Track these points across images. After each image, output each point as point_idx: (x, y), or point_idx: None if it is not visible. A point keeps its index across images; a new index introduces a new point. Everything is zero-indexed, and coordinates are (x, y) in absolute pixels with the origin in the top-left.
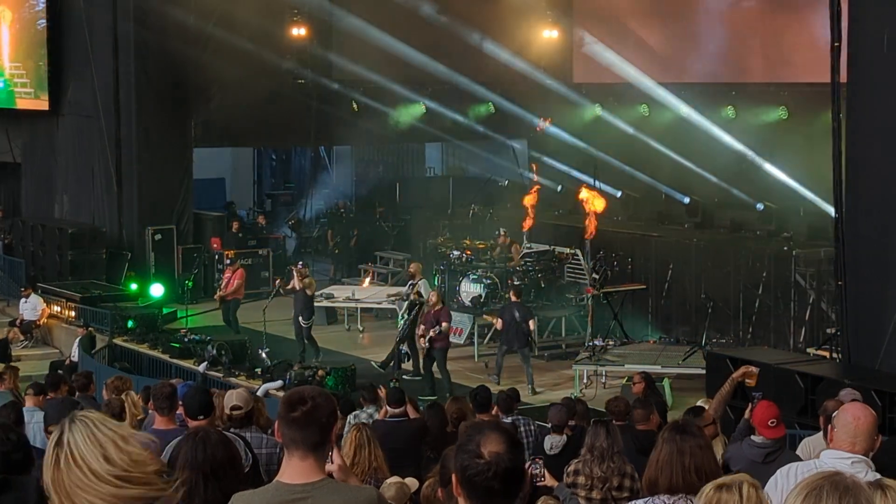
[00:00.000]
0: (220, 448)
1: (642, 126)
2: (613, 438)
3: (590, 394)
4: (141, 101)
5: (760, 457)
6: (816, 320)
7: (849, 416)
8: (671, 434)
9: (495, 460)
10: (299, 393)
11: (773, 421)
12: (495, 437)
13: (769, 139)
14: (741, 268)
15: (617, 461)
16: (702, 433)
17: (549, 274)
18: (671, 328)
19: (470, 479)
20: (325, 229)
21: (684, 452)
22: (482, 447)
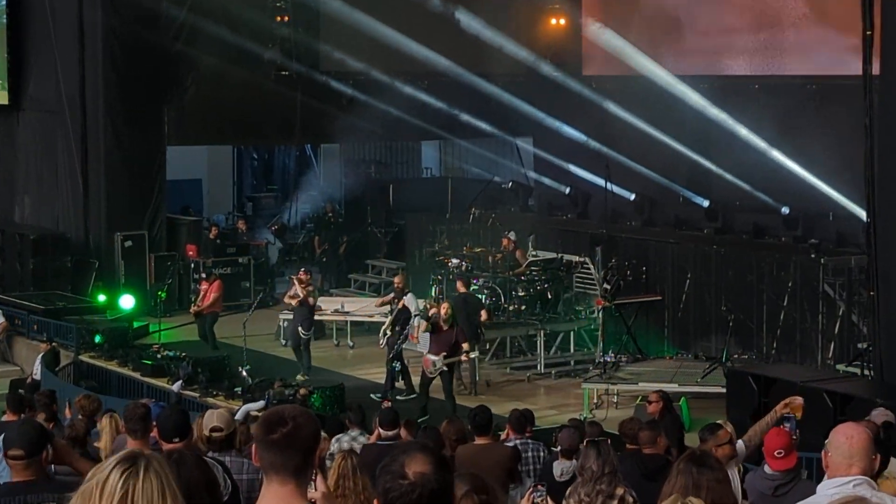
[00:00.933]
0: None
1: (657, 122)
2: (605, 459)
3: (600, 415)
4: (109, 95)
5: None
6: (846, 334)
7: (841, 437)
8: (687, 465)
9: (421, 482)
10: (278, 413)
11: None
12: (421, 456)
13: (796, 136)
14: (765, 277)
15: (606, 484)
16: (720, 466)
17: (556, 284)
18: (689, 343)
19: (393, 502)
20: (311, 235)
21: (700, 487)
22: (406, 467)
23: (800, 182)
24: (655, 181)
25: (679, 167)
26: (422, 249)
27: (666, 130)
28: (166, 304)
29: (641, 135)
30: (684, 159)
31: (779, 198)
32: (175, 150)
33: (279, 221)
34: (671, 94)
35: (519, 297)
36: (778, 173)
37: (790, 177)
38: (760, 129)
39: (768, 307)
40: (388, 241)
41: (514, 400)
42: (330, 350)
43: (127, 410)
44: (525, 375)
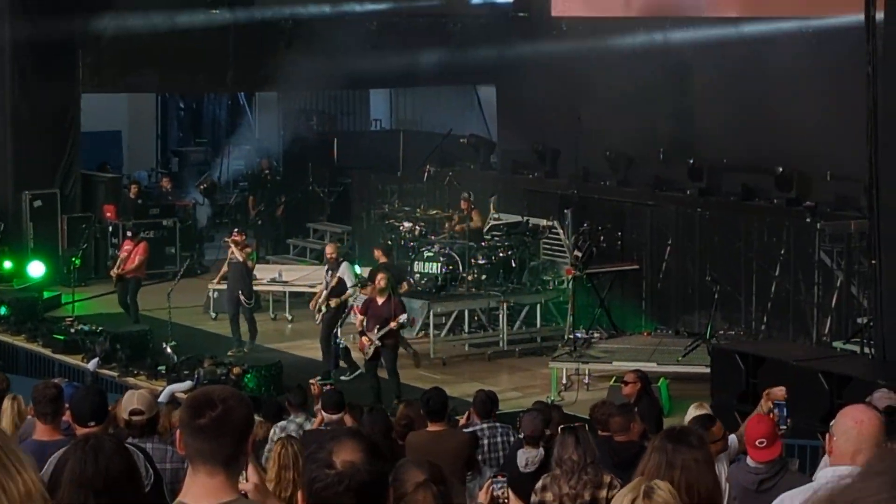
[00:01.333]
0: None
1: (635, 70)
2: (585, 448)
3: (570, 397)
4: (14, 37)
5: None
6: (845, 308)
7: (849, 421)
8: (663, 442)
9: (349, 472)
10: (207, 395)
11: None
12: (351, 444)
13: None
14: (754, 244)
15: (590, 473)
16: (701, 444)
17: (521, 251)
18: (669, 317)
19: (318, 494)
20: (245, 195)
21: (675, 465)
22: (334, 456)
23: (794, 138)
24: (632, 136)
25: (659, 120)
26: (370, 211)
27: (645, 79)
28: (81, 271)
29: (617, 84)
30: (665, 111)
31: (771, 155)
32: (91, 99)
33: (208, 179)
34: (650, 39)
35: (479, 265)
36: (770, 128)
37: (784, 132)
38: (750, 79)
39: (758, 277)
40: (332, 202)
41: (473, 381)
42: (267, 324)
43: (36, 392)
44: (486, 353)
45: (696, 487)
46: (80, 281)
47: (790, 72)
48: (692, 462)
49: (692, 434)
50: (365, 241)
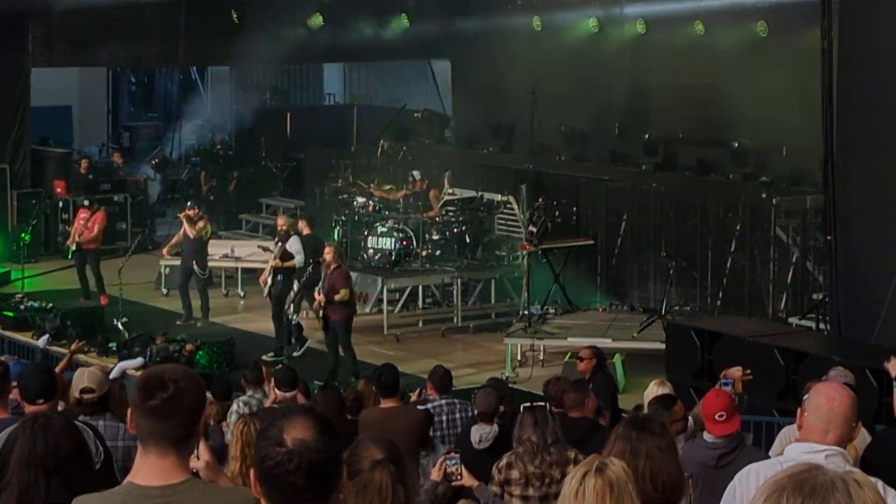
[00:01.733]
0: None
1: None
2: (544, 427)
3: (524, 374)
4: None
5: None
6: (801, 283)
7: (821, 398)
8: (626, 430)
9: (300, 450)
10: (158, 374)
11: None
12: (302, 421)
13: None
14: (710, 219)
15: (554, 453)
16: (664, 432)
17: (475, 226)
18: (624, 293)
19: (269, 472)
20: (196, 170)
21: (639, 454)
22: (285, 433)
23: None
24: (588, 110)
25: (615, 95)
26: (323, 187)
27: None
28: (31, 247)
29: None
30: (621, 86)
31: (727, 130)
32: (41, 73)
33: (160, 154)
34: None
35: (433, 240)
36: (726, 103)
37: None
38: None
39: (713, 253)
40: (285, 178)
41: (427, 357)
42: (219, 300)
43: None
44: (440, 329)
45: (661, 475)
46: (30, 257)
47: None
48: (655, 450)
49: (655, 421)
50: (319, 217)
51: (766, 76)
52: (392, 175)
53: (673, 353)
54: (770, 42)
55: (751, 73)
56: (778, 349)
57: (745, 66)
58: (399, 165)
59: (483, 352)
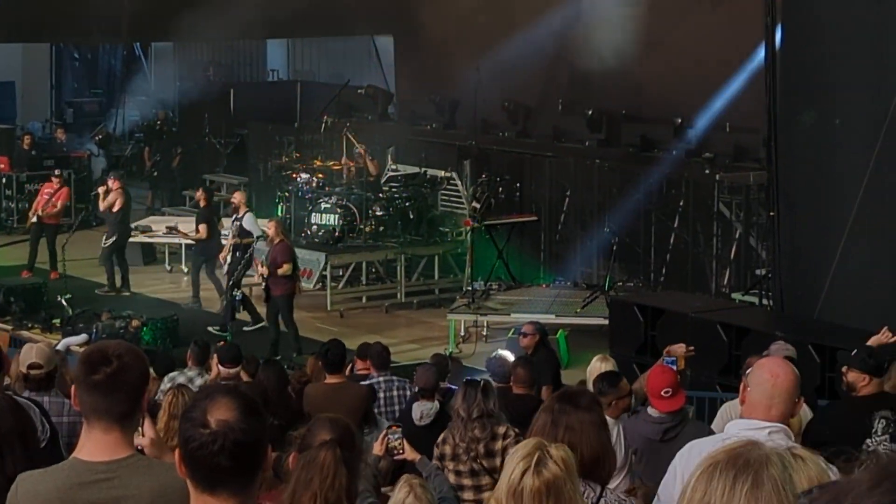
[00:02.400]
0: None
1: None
2: (472, 401)
3: (468, 349)
4: None
5: (658, 434)
6: (744, 260)
7: (765, 374)
8: (551, 402)
9: (223, 430)
10: (101, 350)
11: (667, 391)
12: (226, 401)
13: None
14: (653, 195)
15: (478, 426)
16: (594, 408)
17: (418, 202)
18: (568, 269)
19: (193, 454)
20: (140, 146)
21: (559, 425)
22: (208, 414)
23: (693, 88)
24: (531, 86)
25: (558, 70)
26: (267, 163)
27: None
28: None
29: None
30: (563, 62)
31: (669, 106)
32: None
33: (104, 130)
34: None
35: (376, 216)
36: (668, 77)
37: (682, 82)
38: (649, 29)
39: (657, 229)
40: (229, 153)
41: (371, 333)
42: (162, 276)
43: None
44: (383, 305)
45: (580, 448)
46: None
47: (689, 22)
48: (576, 423)
49: (584, 395)
50: (262, 193)
51: (708, 51)
52: (335, 152)
53: (616, 329)
54: (714, 17)
55: (693, 48)
56: (721, 325)
57: (687, 41)
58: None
59: (426, 328)
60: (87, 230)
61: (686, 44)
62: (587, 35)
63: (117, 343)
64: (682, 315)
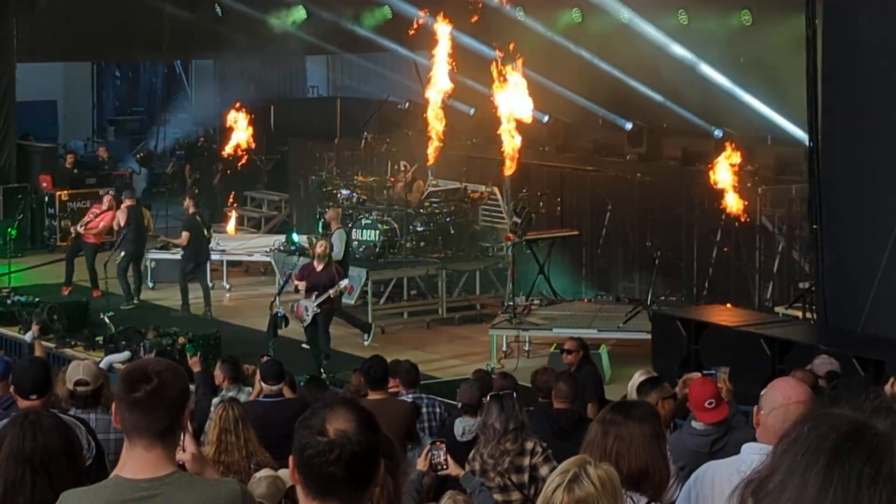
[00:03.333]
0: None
1: (574, 35)
2: (508, 415)
3: (510, 365)
4: None
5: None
6: (786, 273)
7: (777, 397)
8: (605, 412)
9: (341, 441)
10: (141, 368)
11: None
12: (345, 413)
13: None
14: (695, 209)
15: (510, 440)
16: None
17: (459, 218)
18: (610, 284)
19: (308, 461)
20: (182, 164)
21: (609, 434)
22: (327, 424)
23: (734, 101)
24: (571, 101)
25: (598, 85)
26: (307, 179)
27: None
28: (17, 242)
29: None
30: (604, 76)
31: (711, 119)
32: (26, 68)
33: (145, 148)
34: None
35: (417, 232)
36: (710, 91)
37: (723, 95)
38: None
39: (699, 243)
40: (269, 170)
41: (413, 349)
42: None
43: None
44: (425, 321)
45: (627, 459)
46: (17, 252)
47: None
48: (626, 433)
49: (638, 406)
50: (302, 209)
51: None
52: (376, 167)
53: (659, 343)
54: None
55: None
56: (764, 338)
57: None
58: (383, 158)
59: (468, 343)
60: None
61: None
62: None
63: (157, 360)
64: (724, 329)
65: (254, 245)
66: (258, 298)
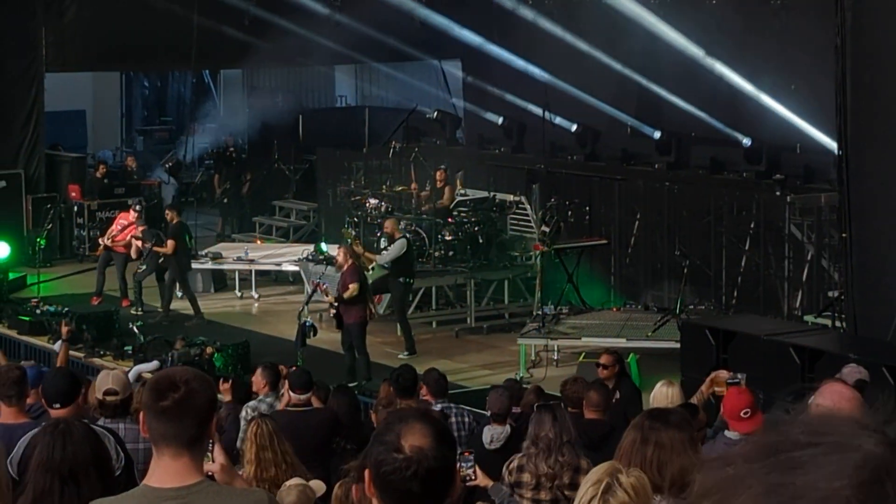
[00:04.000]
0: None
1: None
2: (562, 426)
3: (539, 374)
4: None
5: None
6: (816, 281)
7: (827, 401)
8: (642, 419)
9: (417, 457)
10: (169, 376)
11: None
12: (420, 427)
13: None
14: (724, 217)
15: (567, 454)
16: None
17: (488, 226)
18: (638, 293)
19: (385, 478)
20: (210, 173)
21: (648, 442)
22: (402, 439)
23: (763, 110)
24: (600, 110)
25: (626, 94)
26: (336, 188)
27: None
28: (46, 252)
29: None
30: (632, 85)
31: (739, 128)
32: (55, 78)
33: (174, 158)
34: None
35: (446, 241)
36: (738, 100)
37: (752, 104)
38: (718, 51)
39: (728, 251)
40: (298, 180)
41: (441, 358)
42: (233, 302)
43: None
44: (453, 330)
45: (669, 466)
46: (46, 261)
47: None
48: (667, 440)
49: (675, 413)
50: (331, 218)
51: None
52: (404, 176)
53: (688, 352)
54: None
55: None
56: (793, 347)
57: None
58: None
59: (497, 352)
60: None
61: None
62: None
63: (184, 369)
64: (753, 337)
65: (282, 254)
66: (286, 307)
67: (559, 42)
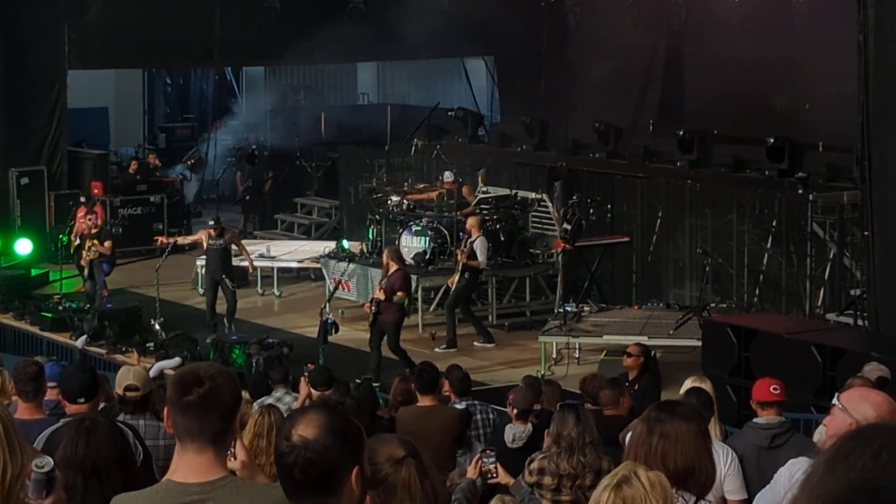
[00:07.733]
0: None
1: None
2: (585, 426)
3: (560, 371)
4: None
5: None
6: (838, 280)
7: (866, 405)
8: (649, 411)
9: (298, 446)
10: (194, 371)
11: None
12: (314, 419)
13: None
14: (746, 216)
15: (589, 454)
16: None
17: (509, 224)
18: (660, 291)
19: (276, 462)
20: (232, 171)
21: (654, 432)
22: (294, 429)
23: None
24: (622, 107)
25: (649, 91)
26: (357, 186)
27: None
28: (68, 248)
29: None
30: (655, 82)
31: (762, 126)
32: (77, 75)
33: (196, 155)
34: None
35: None
36: (761, 98)
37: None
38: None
39: (750, 250)
40: (320, 177)
41: (463, 355)
42: (255, 299)
43: (16, 370)
44: None
45: (673, 456)
46: (68, 258)
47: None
48: (672, 430)
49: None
50: (353, 216)
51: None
52: (426, 174)
53: (709, 350)
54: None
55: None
56: (815, 346)
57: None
58: (433, 164)
59: (518, 350)
60: (179, 254)
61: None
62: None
63: (209, 364)
64: (775, 336)
65: (304, 251)
66: (308, 304)
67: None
